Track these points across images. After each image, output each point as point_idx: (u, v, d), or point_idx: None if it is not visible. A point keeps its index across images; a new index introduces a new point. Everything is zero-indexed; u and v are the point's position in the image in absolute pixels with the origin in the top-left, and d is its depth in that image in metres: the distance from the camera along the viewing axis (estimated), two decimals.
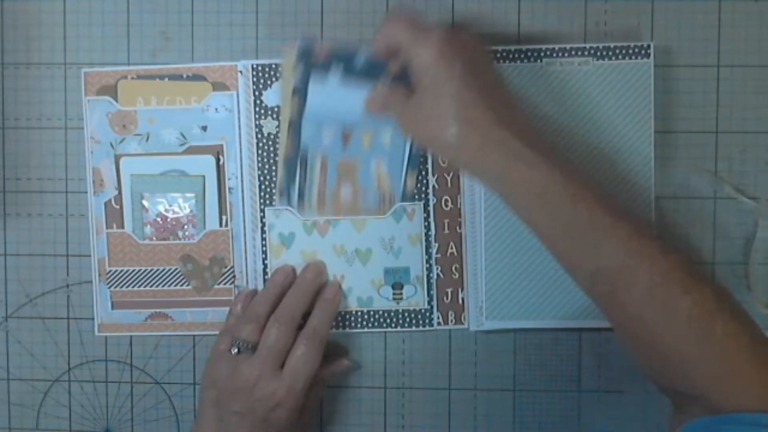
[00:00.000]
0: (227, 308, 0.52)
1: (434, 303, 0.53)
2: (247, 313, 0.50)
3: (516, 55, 0.51)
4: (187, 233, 0.53)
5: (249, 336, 0.48)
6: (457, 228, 0.53)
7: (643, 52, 0.51)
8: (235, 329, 0.49)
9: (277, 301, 0.50)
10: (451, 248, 0.53)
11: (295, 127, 0.49)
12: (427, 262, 0.53)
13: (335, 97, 0.48)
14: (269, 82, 0.52)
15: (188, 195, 0.52)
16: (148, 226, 0.53)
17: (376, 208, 0.51)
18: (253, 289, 0.52)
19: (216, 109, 0.52)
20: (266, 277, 0.52)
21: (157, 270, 0.53)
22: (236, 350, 0.48)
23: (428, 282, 0.53)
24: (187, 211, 0.53)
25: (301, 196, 0.48)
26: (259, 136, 0.52)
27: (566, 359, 0.53)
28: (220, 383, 0.48)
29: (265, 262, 0.52)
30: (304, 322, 0.50)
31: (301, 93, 0.48)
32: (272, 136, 0.52)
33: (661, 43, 0.52)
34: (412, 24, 0.44)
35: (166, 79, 0.52)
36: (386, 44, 0.45)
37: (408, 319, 0.53)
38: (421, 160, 0.51)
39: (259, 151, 0.52)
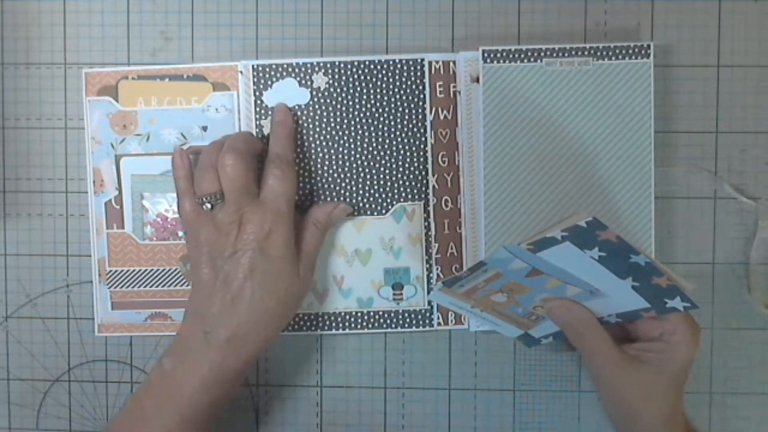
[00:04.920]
0: None
1: (434, 303, 0.53)
2: (199, 167, 0.49)
3: (516, 55, 0.51)
4: None
5: (211, 186, 0.47)
6: (457, 228, 0.53)
7: (643, 52, 0.51)
8: (195, 188, 0.48)
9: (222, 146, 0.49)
10: (451, 248, 0.53)
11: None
12: (427, 262, 0.53)
13: (576, 261, 0.43)
14: (269, 83, 0.52)
15: None
16: (149, 226, 0.53)
17: (519, 320, 0.50)
18: (181, 149, 0.50)
19: (216, 109, 0.52)
20: None
21: (157, 270, 0.53)
22: (209, 206, 0.47)
23: (428, 282, 0.53)
24: None
25: (458, 283, 0.47)
26: (260, 136, 0.52)
27: (566, 359, 0.54)
28: (206, 239, 0.47)
29: None
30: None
31: (545, 245, 0.42)
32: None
33: (661, 43, 0.52)
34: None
35: (167, 80, 0.52)
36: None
37: (408, 320, 0.53)
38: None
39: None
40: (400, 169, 0.52)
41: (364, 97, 0.52)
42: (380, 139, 0.52)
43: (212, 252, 0.47)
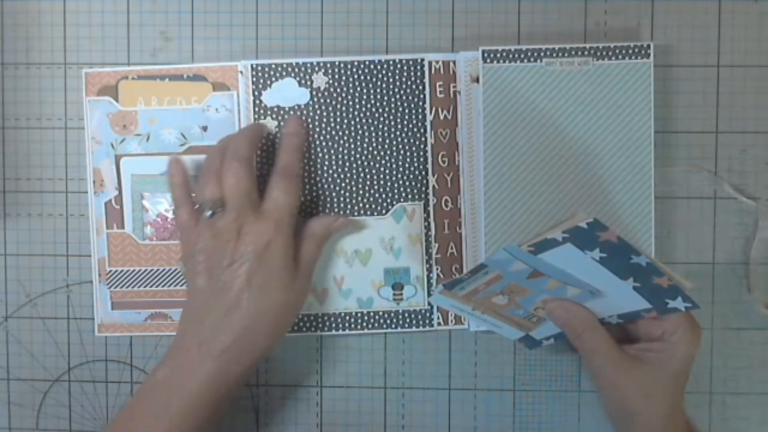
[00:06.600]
0: None
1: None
2: (202, 173, 0.48)
3: (516, 55, 0.51)
4: None
5: (214, 193, 0.47)
6: (457, 228, 0.53)
7: (643, 52, 0.51)
8: (197, 194, 0.48)
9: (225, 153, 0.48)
10: (451, 248, 0.53)
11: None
12: (427, 262, 0.53)
13: (576, 262, 0.43)
14: (269, 82, 0.52)
15: None
16: (149, 226, 0.53)
17: (520, 322, 0.50)
18: (177, 158, 0.51)
19: (216, 109, 0.52)
20: None
21: (157, 270, 0.53)
22: (210, 213, 0.47)
23: (428, 282, 0.53)
24: None
25: (458, 286, 0.47)
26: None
27: (566, 359, 0.54)
28: (204, 247, 0.47)
29: None
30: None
31: (547, 246, 0.42)
32: (271, 136, 0.52)
33: (661, 43, 0.52)
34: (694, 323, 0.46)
35: (167, 80, 0.52)
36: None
37: (408, 320, 0.53)
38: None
39: (259, 152, 0.52)
40: (400, 169, 0.52)
41: (364, 97, 0.52)
42: (380, 139, 0.52)
43: (209, 261, 0.47)
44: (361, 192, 0.52)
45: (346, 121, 0.52)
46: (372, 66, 0.52)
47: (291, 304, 0.48)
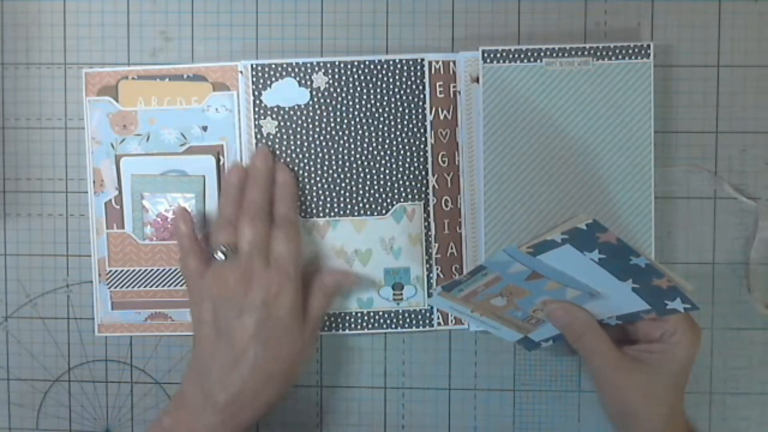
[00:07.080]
0: None
1: None
2: (218, 221, 0.50)
3: (516, 55, 0.51)
4: None
5: (229, 239, 0.48)
6: (457, 228, 0.53)
7: (643, 52, 0.51)
8: (212, 239, 0.49)
9: (240, 200, 0.50)
10: (451, 248, 0.53)
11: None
12: (427, 262, 0.53)
13: (575, 264, 0.43)
14: (269, 82, 0.52)
15: (188, 195, 0.52)
16: (149, 226, 0.53)
17: (519, 324, 0.50)
18: (184, 208, 0.52)
19: (216, 109, 0.52)
20: None
21: (157, 270, 0.53)
22: (222, 256, 0.48)
23: (428, 282, 0.53)
24: None
25: (457, 287, 0.47)
26: (259, 136, 0.52)
27: (566, 359, 0.54)
28: (212, 294, 0.47)
29: None
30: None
31: (544, 248, 0.42)
32: (272, 136, 0.52)
33: (661, 43, 0.52)
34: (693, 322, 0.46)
35: (167, 80, 0.52)
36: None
37: (408, 320, 0.53)
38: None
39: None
40: (400, 169, 0.52)
41: (364, 97, 0.52)
42: (380, 139, 0.52)
43: (217, 311, 0.47)
44: (361, 192, 0.52)
45: (346, 121, 0.52)
46: (372, 66, 0.52)
47: (297, 357, 0.48)
